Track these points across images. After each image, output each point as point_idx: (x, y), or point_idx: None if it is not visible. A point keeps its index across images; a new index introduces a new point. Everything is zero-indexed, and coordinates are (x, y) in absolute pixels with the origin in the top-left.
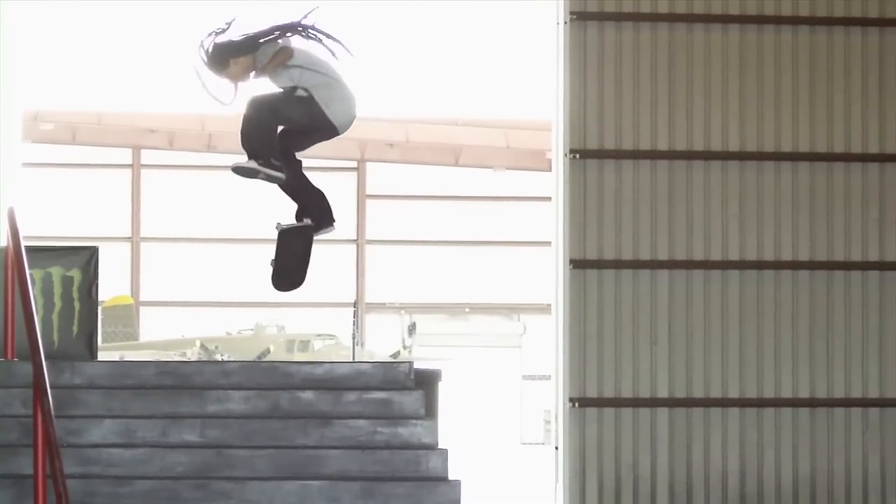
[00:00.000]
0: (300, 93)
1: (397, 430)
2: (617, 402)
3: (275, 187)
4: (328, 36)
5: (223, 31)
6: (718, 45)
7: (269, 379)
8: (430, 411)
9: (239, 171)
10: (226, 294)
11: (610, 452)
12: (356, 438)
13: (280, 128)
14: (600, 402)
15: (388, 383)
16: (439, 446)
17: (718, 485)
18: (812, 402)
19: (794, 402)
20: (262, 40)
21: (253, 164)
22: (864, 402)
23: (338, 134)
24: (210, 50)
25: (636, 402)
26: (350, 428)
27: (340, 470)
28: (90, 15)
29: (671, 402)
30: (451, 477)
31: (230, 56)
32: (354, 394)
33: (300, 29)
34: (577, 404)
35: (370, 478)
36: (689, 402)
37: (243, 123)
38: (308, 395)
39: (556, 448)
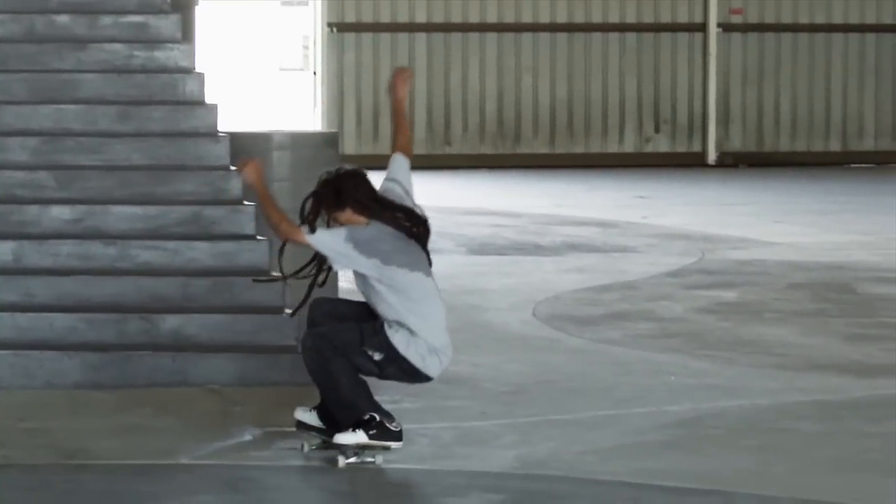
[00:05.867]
0: (375, 356)
1: (154, 55)
2: (375, 27)
3: None
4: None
5: None
6: None
7: (22, 2)
8: (187, 35)
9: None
10: None
11: (368, 77)
12: (112, 62)
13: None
14: (358, 27)
15: (144, 7)
16: (196, 70)
17: (476, 108)
18: (570, 27)
19: (553, 27)
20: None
21: (359, 437)
22: (622, 27)
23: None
24: None
25: (394, 27)
26: (106, 52)
27: (96, 94)
28: None
29: (429, 27)
30: (207, 101)
31: None
32: (110, 17)
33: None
34: (335, 29)
35: (126, 102)
36: (447, 27)
37: (325, 391)
38: (63, 18)
39: (315, 73)
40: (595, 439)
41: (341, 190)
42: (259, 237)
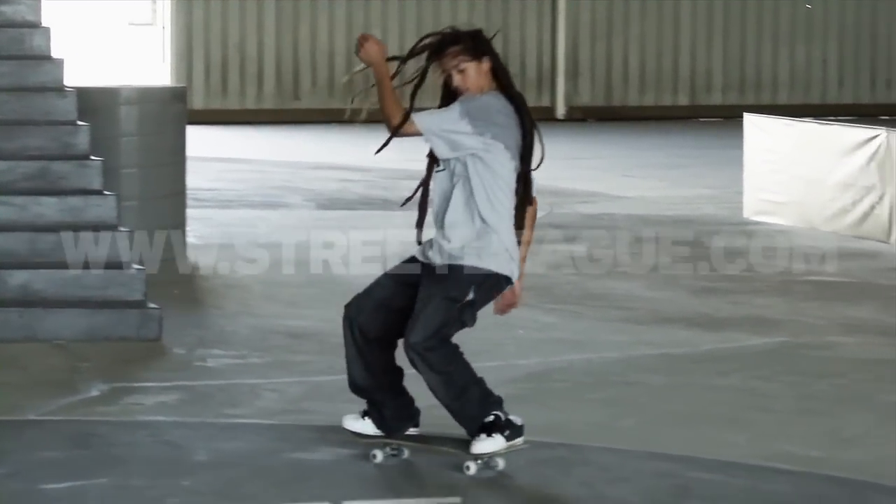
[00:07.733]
0: (470, 296)
1: (0, 9)
2: None
3: None
4: None
5: None
6: None
7: None
8: None
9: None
10: None
11: (217, 33)
12: None
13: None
14: None
15: None
16: (43, 25)
17: (325, 65)
18: None
19: None
20: None
21: (500, 443)
22: None
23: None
24: None
25: None
26: None
27: None
28: None
29: None
30: (54, 55)
31: None
32: None
33: None
34: None
35: None
36: None
37: (439, 388)
38: None
39: (163, 28)
40: None
41: (482, 39)
42: (106, 192)
